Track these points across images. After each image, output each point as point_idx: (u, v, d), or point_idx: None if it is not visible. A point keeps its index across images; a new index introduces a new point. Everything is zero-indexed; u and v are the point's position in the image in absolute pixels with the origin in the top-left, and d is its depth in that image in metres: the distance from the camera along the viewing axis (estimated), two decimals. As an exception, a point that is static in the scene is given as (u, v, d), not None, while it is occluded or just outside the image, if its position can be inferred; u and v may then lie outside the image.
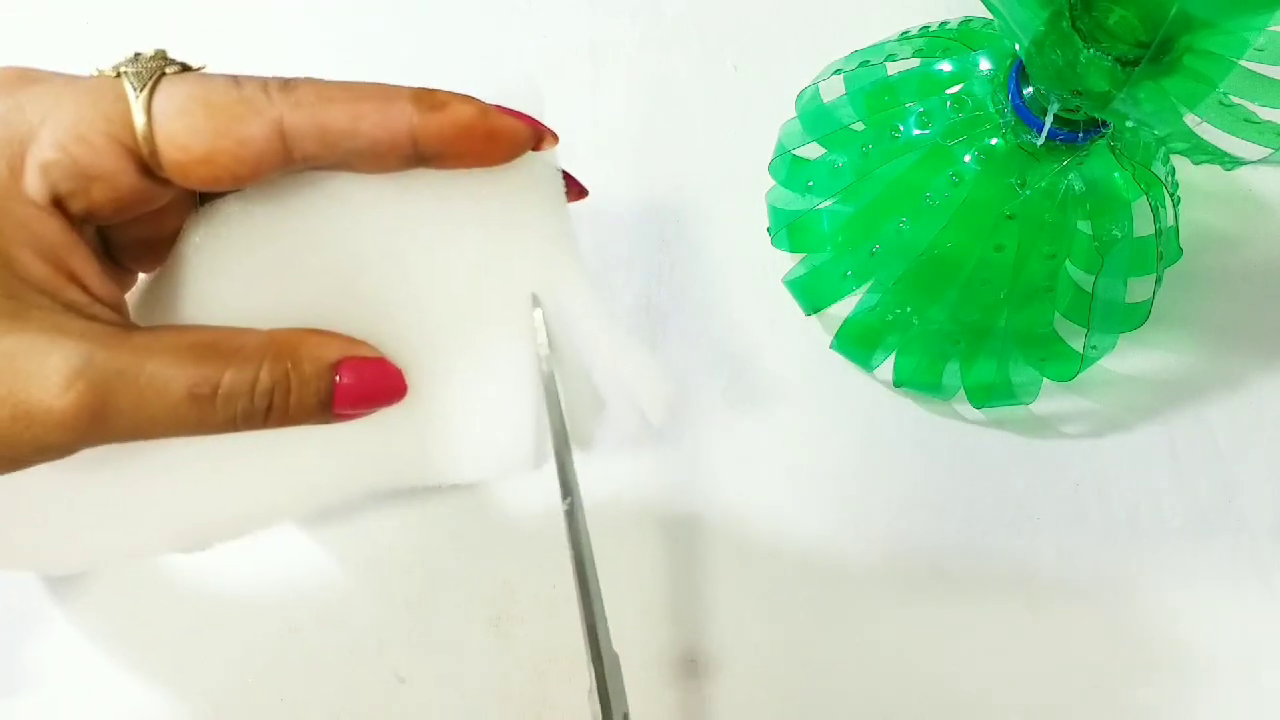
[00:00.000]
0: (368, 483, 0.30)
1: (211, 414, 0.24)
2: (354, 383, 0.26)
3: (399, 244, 0.27)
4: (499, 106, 0.26)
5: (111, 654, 0.37)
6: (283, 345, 0.25)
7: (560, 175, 0.27)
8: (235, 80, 0.24)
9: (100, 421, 0.23)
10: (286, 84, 0.24)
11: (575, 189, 0.28)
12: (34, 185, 0.23)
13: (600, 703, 0.27)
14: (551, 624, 0.37)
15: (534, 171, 0.27)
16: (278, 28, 0.46)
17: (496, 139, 0.25)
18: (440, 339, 0.28)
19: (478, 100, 0.25)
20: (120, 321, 0.24)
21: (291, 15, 0.46)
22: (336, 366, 0.26)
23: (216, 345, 0.24)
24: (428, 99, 0.25)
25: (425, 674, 0.36)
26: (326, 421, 0.26)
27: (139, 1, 0.47)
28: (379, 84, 0.25)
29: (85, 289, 0.24)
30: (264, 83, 0.24)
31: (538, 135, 0.26)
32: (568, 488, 0.27)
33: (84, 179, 0.23)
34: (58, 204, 0.23)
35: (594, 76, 0.44)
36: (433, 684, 0.36)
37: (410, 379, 0.27)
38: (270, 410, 0.25)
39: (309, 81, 0.24)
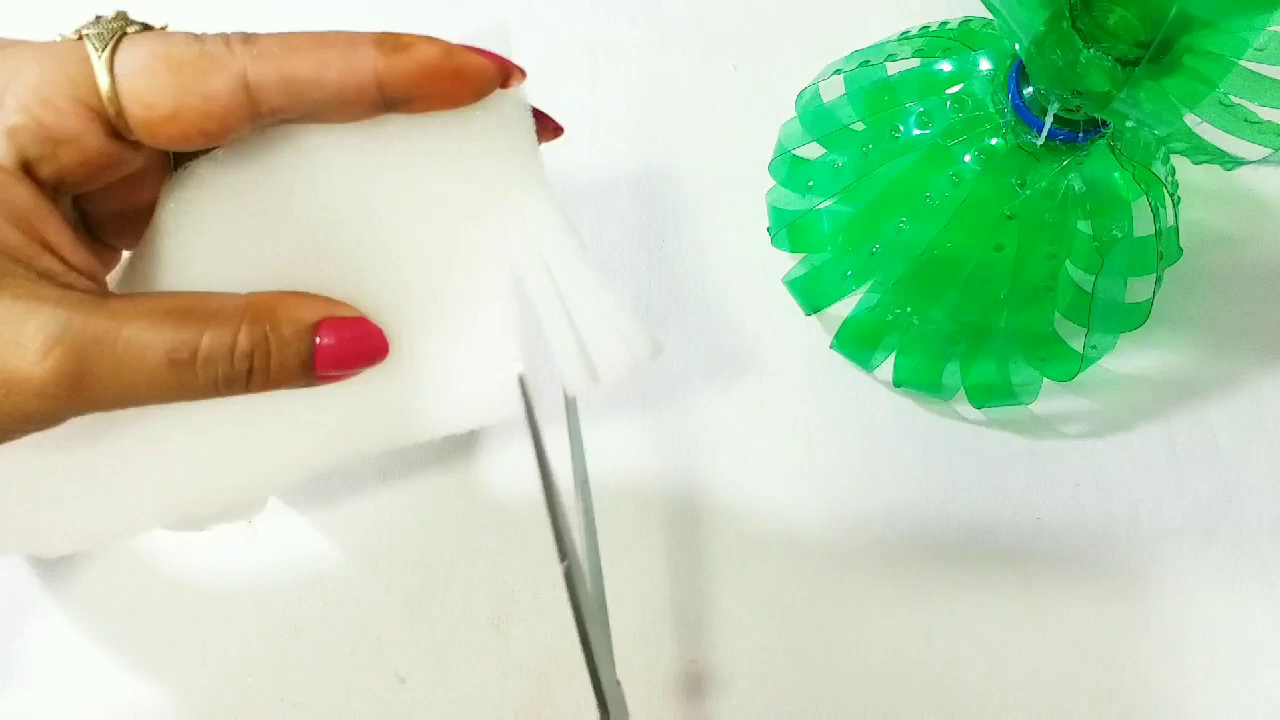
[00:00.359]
0: (359, 445, 0.29)
1: (191, 378, 0.24)
2: (335, 343, 0.25)
3: (371, 194, 0.26)
4: (464, 45, 0.25)
5: (111, 653, 0.37)
6: (260, 307, 0.25)
7: (529, 112, 0.27)
8: (197, 36, 0.24)
9: (80, 389, 0.23)
10: (249, 37, 0.24)
11: (550, 127, 0.28)
12: (1, 151, 0.23)
13: None
14: (551, 624, 0.37)
15: (503, 110, 0.26)
16: (277, 26, 0.46)
17: (462, 78, 0.25)
18: (418, 288, 0.27)
19: (442, 40, 0.25)
20: (95, 289, 0.24)
21: (291, 12, 0.46)
22: (316, 327, 0.25)
23: (194, 309, 0.24)
24: (391, 41, 0.24)
25: (425, 674, 0.36)
26: (310, 384, 0.26)
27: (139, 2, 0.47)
28: (342, 31, 0.25)
29: (60, 257, 0.24)
30: (226, 37, 0.24)
31: (505, 72, 0.26)
32: (564, 550, 0.27)
33: (51, 142, 0.23)
34: (26, 170, 0.23)
35: (594, 76, 0.44)
36: (433, 684, 0.36)
37: (392, 334, 0.27)
38: (251, 373, 0.25)
39: (271, 35, 0.24)
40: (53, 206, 0.24)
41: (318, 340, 0.25)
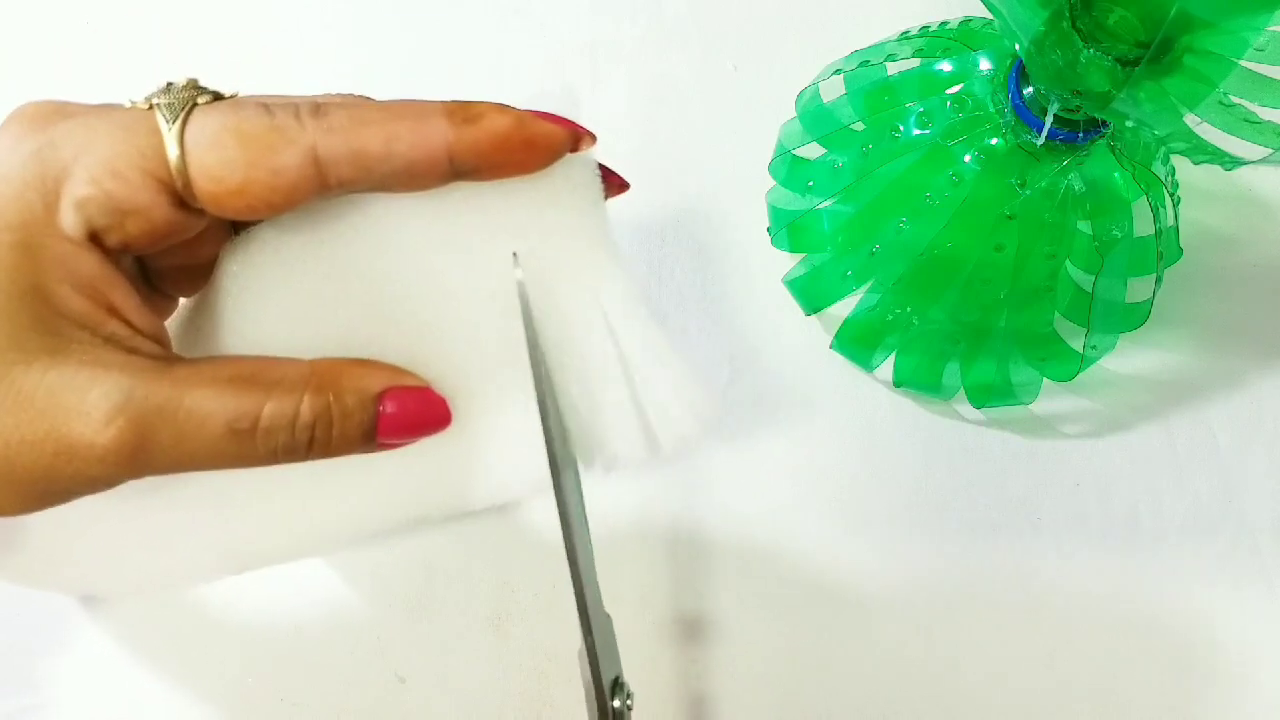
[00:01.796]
0: (412, 512, 0.29)
1: (251, 448, 0.24)
2: (398, 412, 0.25)
3: (437, 262, 0.26)
4: (533, 112, 0.25)
5: (111, 653, 0.37)
6: (324, 376, 0.25)
7: (598, 174, 0.27)
8: (266, 107, 0.24)
9: (141, 456, 0.23)
10: (318, 108, 0.24)
11: (615, 183, 0.27)
12: (69, 221, 0.23)
13: (590, 663, 0.27)
14: (551, 624, 0.37)
15: (570, 174, 0.26)
16: (277, 25, 0.46)
17: (534, 147, 0.25)
18: (484, 357, 0.27)
19: (512, 108, 0.25)
20: (161, 354, 0.24)
21: (291, 11, 0.46)
22: (380, 397, 0.25)
23: (256, 377, 0.24)
24: (461, 113, 0.24)
25: (425, 674, 0.36)
26: (369, 451, 0.26)
27: (139, 1, 0.47)
28: (411, 101, 0.24)
29: (126, 321, 0.24)
30: (295, 108, 0.24)
31: (575, 137, 0.26)
32: (552, 455, 0.26)
33: (119, 213, 0.23)
34: (94, 238, 0.23)
35: (594, 76, 0.44)
36: (433, 684, 0.36)
37: (454, 404, 0.27)
38: (312, 443, 0.25)
39: (340, 104, 0.24)
40: (119, 273, 0.24)
41: (381, 409, 0.25)
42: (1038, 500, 0.38)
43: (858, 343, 0.38)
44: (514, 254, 0.26)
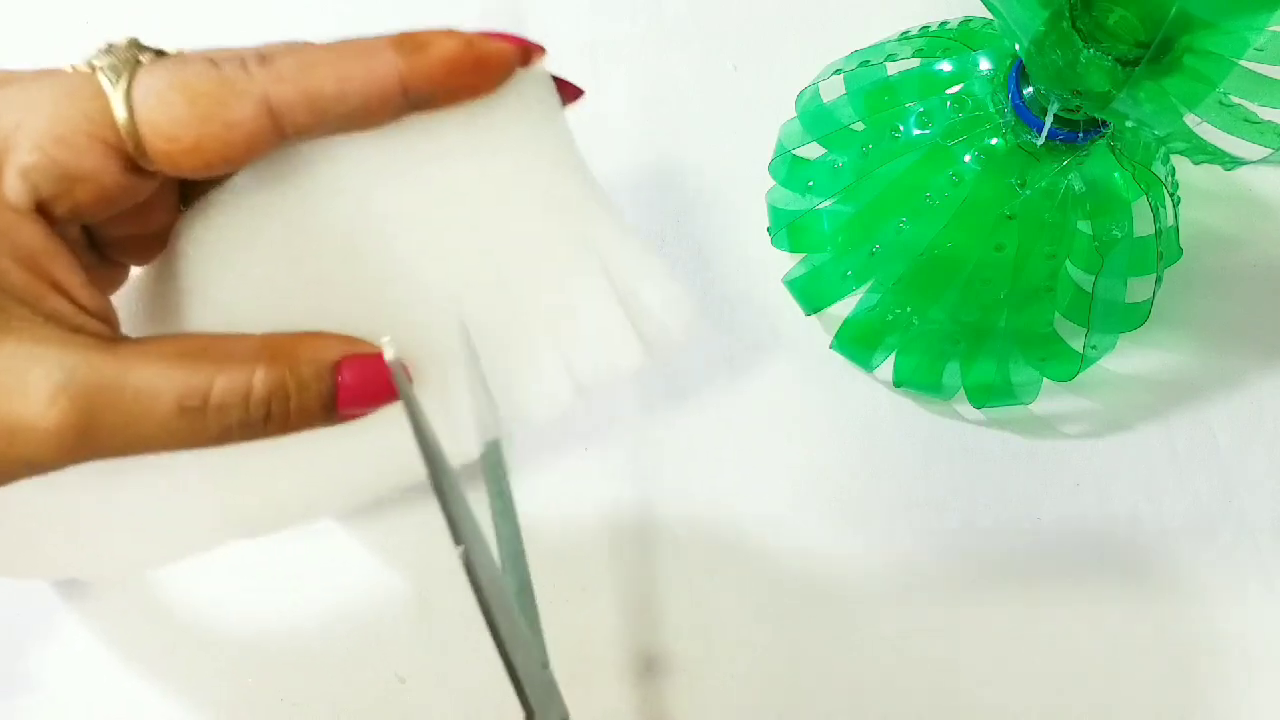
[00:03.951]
0: (397, 476, 0.28)
1: (204, 426, 0.23)
2: (356, 381, 0.25)
3: (397, 200, 0.26)
4: (482, 33, 0.25)
5: (110, 653, 0.37)
6: (278, 349, 0.24)
7: (553, 86, 0.26)
8: (213, 60, 0.23)
9: (87, 437, 0.22)
10: (264, 57, 0.23)
11: (570, 91, 0.27)
12: (14, 190, 0.22)
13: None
14: (551, 624, 0.37)
15: (524, 90, 0.25)
16: (277, 25, 0.46)
17: (485, 67, 0.24)
18: (442, 314, 0.27)
19: (459, 32, 0.24)
20: (105, 332, 0.23)
21: (290, 12, 0.46)
22: (337, 366, 0.25)
23: (206, 353, 0.24)
24: (410, 43, 0.24)
25: (425, 674, 0.36)
26: (330, 424, 0.25)
27: (139, 2, 0.47)
28: (357, 39, 0.24)
29: (69, 297, 0.23)
30: (242, 59, 0.23)
31: (525, 52, 0.25)
32: (458, 536, 0.25)
33: (67, 180, 0.22)
34: (41, 208, 0.23)
35: (594, 76, 0.44)
36: (433, 684, 0.36)
37: (420, 358, 0.26)
38: (269, 418, 0.24)
39: (288, 50, 0.24)
40: (63, 246, 0.23)
41: (340, 379, 0.25)
42: (1038, 500, 0.38)
43: (858, 343, 0.38)
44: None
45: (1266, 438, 0.38)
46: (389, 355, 0.25)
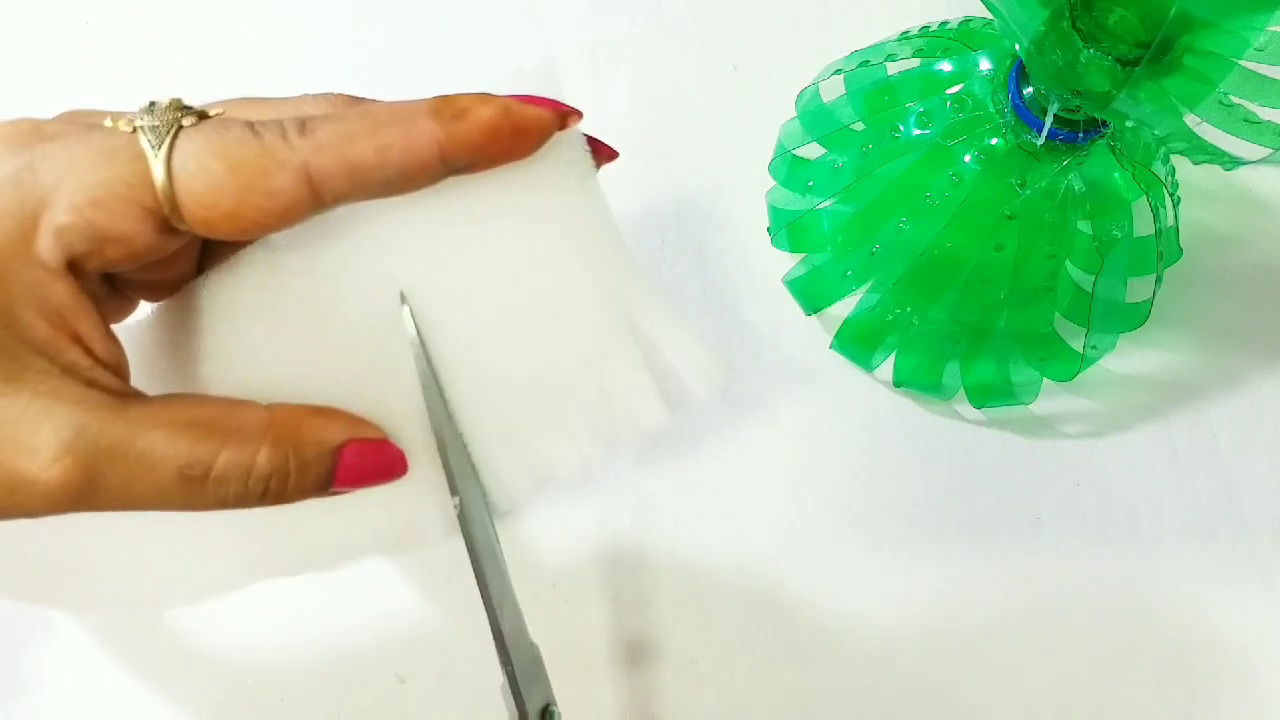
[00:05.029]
0: (371, 546, 0.29)
1: (201, 495, 0.24)
2: (356, 464, 0.25)
3: (427, 262, 0.26)
4: (517, 96, 0.25)
5: (110, 654, 0.37)
6: (284, 427, 0.24)
7: (587, 149, 0.26)
8: (253, 128, 0.23)
9: (85, 494, 0.23)
10: (304, 126, 0.23)
11: (605, 153, 0.27)
12: (47, 248, 0.22)
13: (513, 697, 0.27)
14: (551, 624, 0.37)
15: (560, 152, 0.26)
16: (277, 25, 0.46)
17: (523, 133, 0.24)
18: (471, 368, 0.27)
19: (496, 97, 0.24)
20: (118, 387, 0.24)
21: (290, 12, 0.46)
22: (339, 450, 0.25)
23: (214, 424, 0.24)
24: (447, 109, 0.24)
25: (425, 674, 0.36)
26: (320, 497, 0.26)
27: (139, 2, 0.47)
28: (395, 105, 0.24)
29: (87, 350, 0.23)
30: (282, 128, 0.23)
31: (562, 117, 0.25)
32: (454, 486, 0.26)
33: (99, 241, 0.23)
34: (72, 265, 0.23)
35: (594, 76, 0.44)
36: (433, 684, 0.36)
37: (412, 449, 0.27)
38: (265, 493, 0.24)
39: (325, 118, 0.24)
40: (88, 302, 0.23)
41: (339, 461, 0.25)
42: (1038, 500, 0.38)
43: (858, 343, 0.38)
44: (400, 293, 0.26)
45: (1266, 438, 0.38)
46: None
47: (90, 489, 0.23)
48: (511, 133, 0.24)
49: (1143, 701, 0.36)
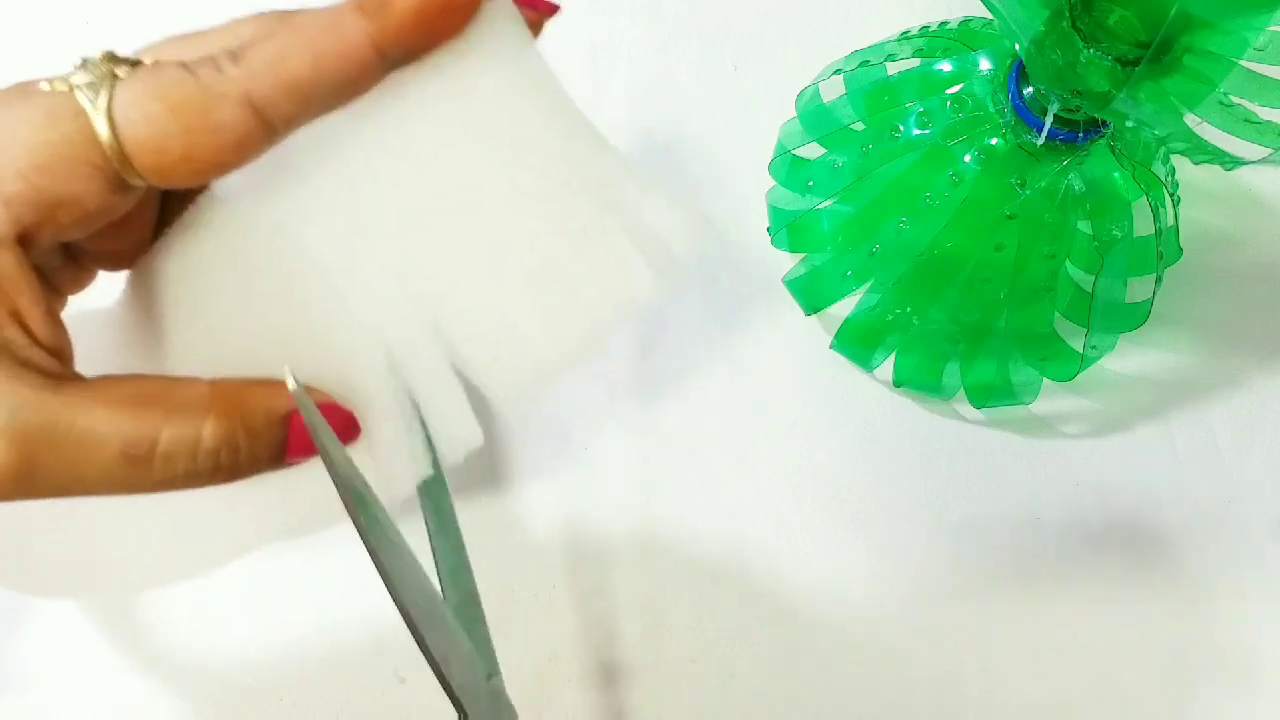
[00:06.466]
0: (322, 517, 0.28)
1: (148, 474, 0.23)
2: (307, 430, 0.25)
3: (390, 181, 0.25)
4: None
5: (112, 654, 0.37)
6: (228, 399, 0.24)
7: (518, 14, 0.25)
8: (187, 66, 0.23)
9: (24, 479, 0.22)
10: (236, 55, 0.23)
11: (541, 8, 0.26)
12: None
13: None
14: (551, 624, 0.37)
15: (494, 24, 0.25)
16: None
17: (452, 8, 0.24)
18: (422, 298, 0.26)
19: None
20: (55, 367, 0.23)
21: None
22: (288, 417, 0.24)
23: (155, 400, 0.23)
24: (371, 3, 0.23)
25: (425, 674, 0.36)
26: (278, 469, 0.25)
27: (139, 2, 0.47)
28: (321, 11, 0.23)
29: (26, 328, 0.22)
30: (215, 61, 0.23)
31: None
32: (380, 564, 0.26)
33: (50, 207, 0.22)
34: (21, 237, 0.22)
35: (594, 76, 0.44)
36: (433, 684, 0.36)
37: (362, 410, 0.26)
38: (217, 469, 0.24)
39: (257, 44, 0.23)
40: (33, 276, 0.23)
41: (290, 428, 0.24)
42: (1038, 500, 0.38)
43: (858, 343, 0.38)
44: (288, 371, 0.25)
45: (1266, 438, 0.38)
46: (291, 385, 0.24)
47: (28, 474, 0.22)
48: (440, 10, 0.24)
49: (1143, 701, 0.36)
